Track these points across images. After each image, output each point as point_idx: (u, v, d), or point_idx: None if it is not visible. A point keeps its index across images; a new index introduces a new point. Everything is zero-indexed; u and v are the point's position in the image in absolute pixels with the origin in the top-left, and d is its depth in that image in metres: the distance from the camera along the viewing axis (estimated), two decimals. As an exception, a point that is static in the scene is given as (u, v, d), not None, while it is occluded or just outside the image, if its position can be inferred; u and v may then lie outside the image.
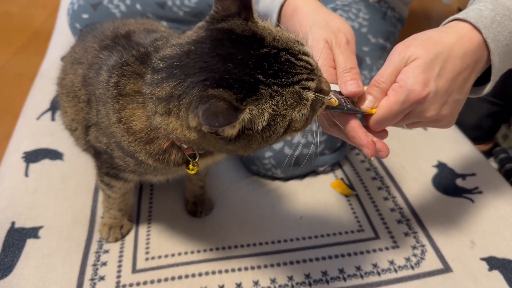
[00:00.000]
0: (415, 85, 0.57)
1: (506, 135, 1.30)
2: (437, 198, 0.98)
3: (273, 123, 0.51)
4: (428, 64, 0.58)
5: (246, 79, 0.49)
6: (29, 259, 0.82)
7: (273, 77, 0.51)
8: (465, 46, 0.60)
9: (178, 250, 0.85)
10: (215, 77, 0.49)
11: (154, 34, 0.71)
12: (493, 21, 0.61)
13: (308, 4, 0.74)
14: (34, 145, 1.08)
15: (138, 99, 0.59)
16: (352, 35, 0.67)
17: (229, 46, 0.52)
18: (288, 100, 0.51)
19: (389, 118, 0.59)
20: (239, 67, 0.50)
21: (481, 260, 0.84)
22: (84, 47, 0.79)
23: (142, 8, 1.23)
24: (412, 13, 1.51)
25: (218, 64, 0.50)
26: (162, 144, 0.61)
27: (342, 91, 0.60)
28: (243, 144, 0.53)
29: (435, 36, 0.61)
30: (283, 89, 0.51)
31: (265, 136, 0.52)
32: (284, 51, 0.52)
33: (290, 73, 0.51)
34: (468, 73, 0.61)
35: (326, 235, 0.89)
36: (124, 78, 0.61)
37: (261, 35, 0.53)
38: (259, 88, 0.50)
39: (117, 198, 0.84)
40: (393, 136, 0.71)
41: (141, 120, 0.60)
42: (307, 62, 0.53)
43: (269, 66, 0.51)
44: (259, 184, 1.02)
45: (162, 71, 0.54)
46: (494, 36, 0.60)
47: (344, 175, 1.05)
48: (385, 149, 0.59)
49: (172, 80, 0.52)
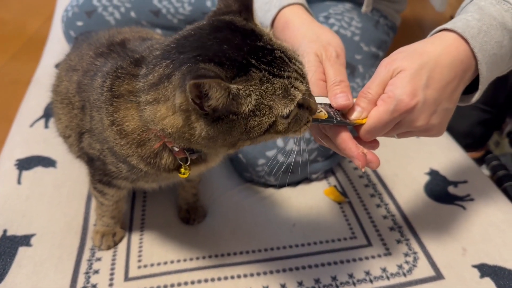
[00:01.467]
0: (403, 95, 0.57)
1: (498, 142, 1.30)
2: (429, 205, 0.98)
3: (259, 112, 0.52)
4: (414, 74, 0.58)
5: (238, 59, 0.51)
6: (21, 267, 0.81)
7: (265, 64, 0.52)
8: (452, 56, 0.61)
9: (171, 258, 0.85)
10: (208, 54, 0.51)
11: (149, 42, 0.72)
12: (480, 31, 0.61)
13: (299, 18, 0.75)
14: (27, 153, 1.08)
15: (132, 98, 0.60)
16: (342, 48, 0.69)
17: (228, 33, 0.54)
18: (277, 91, 0.52)
19: (379, 127, 0.59)
20: (234, 49, 0.51)
21: (473, 267, 0.84)
22: (79, 55, 0.79)
23: (137, 16, 1.24)
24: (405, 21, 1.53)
25: (214, 45, 0.52)
26: (153, 145, 0.62)
27: (332, 104, 0.61)
28: (224, 129, 0.52)
29: (420, 48, 0.62)
30: (273, 78, 0.52)
31: (248, 126, 0.52)
32: (279, 51, 0.54)
33: (282, 68, 0.53)
34: (456, 82, 0.61)
35: (319, 242, 0.89)
36: (118, 80, 0.62)
37: (259, 32, 0.55)
38: (250, 70, 0.51)
39: (110, 205, 0.84)
40: (385, 144, 0.71)
41: (134, 121, 0.61)
42: (299, 67, 0.54)
43: (263, 55, 0.52)
44: (252, 191, 1.02)
45: (157, 57, 0.56)
46: (481, 45, 0.61)
47: (337, 182, 1.05)
48: (375, 160, 0.59)
49: (166, 60, 0.54)
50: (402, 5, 1.24)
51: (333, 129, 0.60)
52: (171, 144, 0.61)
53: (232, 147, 0.57)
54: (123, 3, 1.24)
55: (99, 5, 1.23)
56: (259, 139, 0.56)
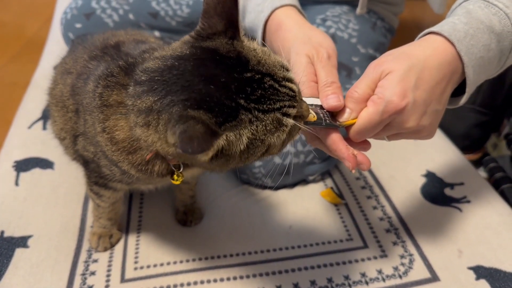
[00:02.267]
0: (393, 96, 0.58)
1: (495, 144, 1.31)
2: (426, 207, 0.99)
3: (252, 146, 0.52)
4: (403, 76, 0.59)
5: (227, 103, 0.49)
6: (18, 269, 0.82)
7: (255, 102, 0.50)
8: (440, 58, 0.61)
9: (167, 259, 0.85)
10: (196, 98, 0.49)
11: (143, 45, 0.72)
12: (466, 34, 0.62)
13: (292, 20, 0.75)
14: (25, 154, 1.08)
15: (121, 110, 0.60)
16: (334, 50, 0.69)
17: (213, 67, 0.51)
18: (268, 126, 0.51)
19: (369, 128, 0.59)
20: (221, 90, 0.49)
21: (469, 269, 0.84)
22: (74, 58, 0.80)
23: (135, 18, 1.24)
24: (403, 23, 1.53)
25: (200, 85, 0.50)
26: (145, 155, 0.61)
27: (324, 105, 0.61)
28: (220, 163, 0.53)
29: (408, 51, 0.62)
30: (263, 115, 0.51)
31: (243, 157, 0.53)
32: (269, 77, 0.52)
33: (273, 99, 0.51)
34: (445, 83, 0.62)
35: (315, 244, 0.90)
36: (108, 89, 0.61)
37: (246, 57, 0.53)
38: (239, 113, 0.50)
39: (106, 207, 0.84)
40: (382, 146, 0.71)
41: (124, 131, 0.60)
42: (290, 88, 0.53)
43: (252, 91, 0.50)
44: (249, 193, 1.02)
45: (143, 83, 0.54)
46: (468, 49, 0.62)
47: (333, 184, 1.05)
48: (366, 161, 0.59)
49: (153, 95, 0.52)
50: (399, 8, 1.25)
51: (323, 130, 0.60)
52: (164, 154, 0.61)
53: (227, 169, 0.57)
54: (121, 5, 1.24)
55: (98, 7, 1.24)
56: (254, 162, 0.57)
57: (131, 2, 1.25)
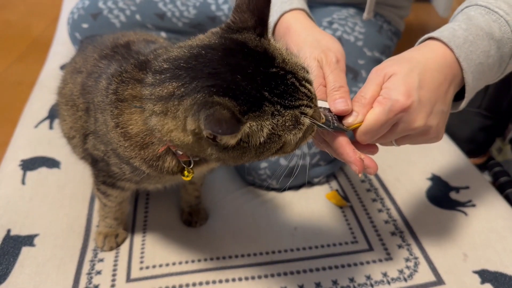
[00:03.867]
0: (398, 96, 0.58)
1: (500, 148, 1.30)
2: (431, 211, 0.99)
3: (269, 141, 0.52)
4: (406, 76, 0.59)
5: (252, 93, 0.50)
6: (24, 267, 0.82)
7: (278, 96, 0.52)
8: (439, 60, 0.62)
9: (173, 259, 0.86)
10: (223, 85, 0.50)
11: (153, 45, 0.73)
12: (465, 40, 0.63)
13: (300, 23, 0.75)
14: (32, 153, 1.09)
15: (136, 103, 0.60)
16: (342, 54, 0.69)
17: (240, 58, 0.53)
18: (287, 122, 0.52)
19: (375, 129, 0.59)
20: (248, 80, 0.51)
21: (474, 273, 0.84)
22: (84, 57, 0.80)
23: (142, 19, 1.25)
24: (409, 26, 1.53)
25: (227, 74, 0.51)
26: (157, 149, 0.62)
27: (332, 109, 0.61)
28: (236, 154, 0.53)
29: (408, 55, 0.63)
30: (284, 110, 0.52)
31: (258, 152, 0.53)
32: (291, 75, 0.53)
33: (294, 96, 0.53)
34: (447, 84, 0.62)
35: (320, 246, 0.90)
36: (123, 84, 0.62)
37: (272, 54, 0.54)
38: (263, 105, 0.51)
39: (113, 207, 0.84)
40: (387, 149, 0.72)
41: (138, 125, 0.61)
42: (309, 90, 0.55)
43: (276, 86, 0.52)
44: (254, 194, 1.02)
45: (166, 71, 0.55)
46: (466, 55, 0.62)
47: (339, 187, 1.05)
48: (373, 165, 0.59)
49: (176, 81, 0.53)
50: (405, 11, 1.25)
51: (331, 133, 0.61)
52: (175, 148, 0.62)
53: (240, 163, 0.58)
54: (128, 6, 1.25)
55: (105, 7, 1.24)
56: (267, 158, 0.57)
57: (138, 3, 1.25)
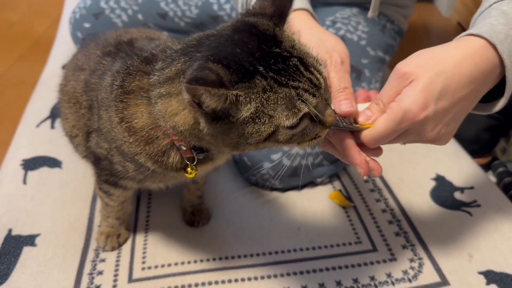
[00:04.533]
0: (412, 105, 0.56)
1: (504, 148, 1.30)
2: (435, 211, 0.98)
3: (258, 120, 0.52)
4: (428, 84, 0.56)
5: (246, 65, 0.51)
6: (25, 267, 0.81)
7: (273, 72, 0.51)
8: (474, 64, 0.58)
9: (175, 260, 0.85)
10: (219, 55, 0.51)
11: (157, 41, 0.73)
12: (507, 36, 0.58)
13: (304, 23, 0.75)
14: (33, 153, 1.08)
15: (143, 94, 0.61)
16: (347, 54, 0.67)
17: (245, 35, 0.54)
18: (280, 101, 0.51)
19: (385, 135, 0.58)
20: (245, 54, 0.51)
21: (479, 273, 0.84)
22: (86, 54, 0.80)
23: (144, 18, 1.25)
24: (412, 26, 1.53)
25: (228, 47, 0.52)
26: (161, 143, 0.62)
27: (336, 111, 0.60)
28: (222, 129, 0.53)
29: (439, 54, 0.59)
30: (278, 87, 0.51)
31: (246, 132, 0.52)
32: (297, 59, 0.53)
33: (293, 77, 0.52)
34: (475, 94, 0.59)
35: (323, 247, 0.89)
36: (130, 77, 0.63)
37: (281, 39, 0.54)
38: (254, 77, 0.51)
39: (115, 206, 0.84)
40: (391, 149, 0.71)
41: (144, 118, 0.62)
42: (316, 77, 0.53)
43: (275, 63, 0.52)
44: (257, 194, 1.02)
45: (177, 51, 0.57)
46: (509, 51, 0.58)
47: (342, 187, 1.05)
48: (378, 168, 0.59)
49: (185, 56, 0.55)
50: (409, 10, 1.24)
51: (336, 135, 0.60)
52: (179, 142, 0.62)
53: (235, 149, 0.57)
54: (130, 6, 1.24)
55: (107, 7, 1.24)
56: (261, 146, 0.55)
57: (140, 3, 1.25)
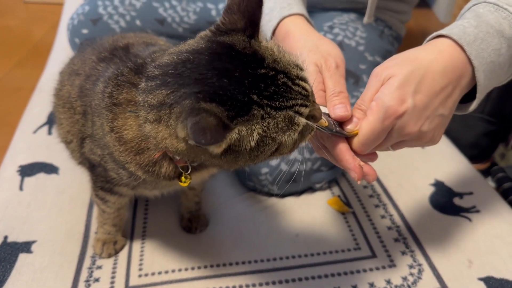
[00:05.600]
0: (391, 101, 0.56)
1: (503, 154, 1.29)
2: (434, 217, 0.97)
3: (262, 144, 0.51)
4: (403, 80, 0.57)
5: (240, 97, 0.49)
6: (21, 274, 0.81)
7: (267, 98, 0.50)
8: (444, 61, 0.59)
9: (172, 267, 0.84)
10: (209, 91, 0.49)
11: (153, 47, 0.72)
12: (476, 38, 0.60)
13: (300, 29, 0.75)
14: (30, 159, 1.07)
15: (131, 108, 0.59)
16: (342, 59, 0.68)
17: (227, 61, 0.51)
18: (280, 124, 0.51)
19: (372, 138, 0.58)
20: (235, 84, 0.49)
21: (479, 280, 0.83)
22: (82, 59, 0.80)
23: (142, 24, 1.25)
24: (410, 32, 1.53)
25: (214, 78, 0.50)
26: (153, 155, 0.61)
27: (331, 115, 0.60)
28: (229, 159, 0.52)
29: (412, 55, 0.61)
30: (276, 112, 0.51)
31: (252, 155, 0.52)
32: (282, 74, 0.52)
33: (285, 97, 0.51)
34: (451, 88, 0.60)
35: (322, 253, 0.88)
36: (118, 88, 0.61)
37: (261, 55, 0.52)
38: (251, 108, 0.49)
39: (111, 213, 0.83)
40: (390, 154, 0.70)
41: (133, 130, 0.60)
42: (303, 88, 0.53)
43: (265, 87, 0.50)
44: (255, 200, 1.01)
45: (156, 78, 0.54)
46: (478, 53, 0.60)
47: (341, 192, 1.04)
48: (372, 173, 0.58)
49: (166, 88, 0.52)
50: (407, 16, 1.24)
51: (331, 139, 0.60)
52: (171, 153, 0.60)
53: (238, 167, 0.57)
54: (128, 12, 1.24)
55: (105, 13, 1.24)
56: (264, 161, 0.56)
57: (138, 9, 1.25)
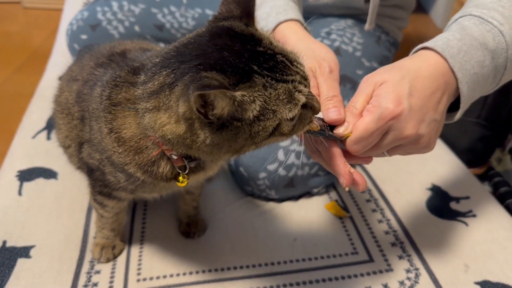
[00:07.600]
0: (388, 103, 0.57)
1: (500, 158, 1.30)
2: (431, 221, 0.98)
3: (263, 117, 0.52)
4: (396, 84, 0.59)
5: (240, 66, 0.50)
6: (19, 279, 0.81)
7: (267, 70, 0.52)
8: (431, 68, 0.61)
9: (170, 271, 0.84)
10: (210, 62, 0.50)
11: (149, 53, 0.73)
12: (459, 50, 0.62)
13: (295, 34, 0.76)
14: (29, 164, 1.08)
15: (130, 105, 0.61)
16: (336, 63, 0.69)
17: (227, 39, 0.54)
18: (281, 95, 0.52)
19: (365, 137, 0.58)
20: (235, 56, 0.51)
21: (475, 284, 0.83)
22: (80, 65, 0.80)
23: (141, 30, 1.25)
24: (407, 37, 1.54)
25: (214, 53, 0.52)
26: (151, 153, 0.62)
27: (325, 118, 0.61)
28: (229, 136, 0.52)
29: (399, 64, 0.63)
30: (276, 83, 0.52)
31: (253, 131, 0.53)
32: (280, 55, 0.54)
33: (285, 72, 0.53)
34: (440, 93, 0.61)
35: (320, 258, 0.89)
36: (116, 88, 0.62)
37: (259, 37, 0.55)
38: (252, 76, 0.51)
39: (110, 217, 0.83)
40: (387, 159, 0.71)
41: (132, 128, 0.61)
42: (301, 70, 0.55)
43: (265, 61, 0.52)
44: (253, 205, 1.01)
45: (157, 64, 0.56)
46: (461, 65, 0.62)
47: (338, 197, 1.05)
48: (362, 182, 0.59)
49: (166, 69, 0.54)
50: (404, 22, 1.25)
51: (323, 144, 0.60)
52: (170, 151, 0.61)
53: (237, 153, 0.57)
54: (127, 17, 1.25)
55: (104, 19, 1.25)
56: (264, 143, 0.56)
57: (137, 14, 1.26)
